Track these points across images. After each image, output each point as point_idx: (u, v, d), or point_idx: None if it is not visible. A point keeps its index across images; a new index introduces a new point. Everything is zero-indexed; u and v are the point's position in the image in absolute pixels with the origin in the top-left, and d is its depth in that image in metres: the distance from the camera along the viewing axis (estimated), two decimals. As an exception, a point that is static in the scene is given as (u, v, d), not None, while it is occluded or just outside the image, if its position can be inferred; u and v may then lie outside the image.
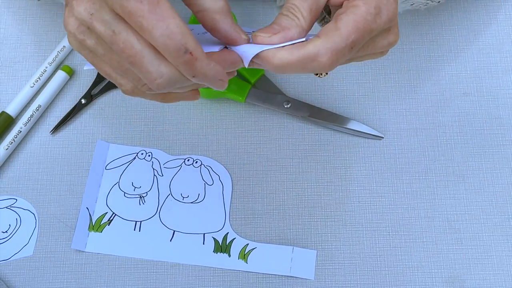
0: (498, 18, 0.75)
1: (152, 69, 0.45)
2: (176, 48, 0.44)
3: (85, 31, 0.46)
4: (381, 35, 0.49)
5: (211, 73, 0.46)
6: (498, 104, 0.71)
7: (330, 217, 0.67)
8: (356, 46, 0.47)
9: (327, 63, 0.46)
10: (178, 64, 0.45)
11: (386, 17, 0.48)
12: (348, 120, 0.70)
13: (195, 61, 0.44)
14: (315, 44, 0.46)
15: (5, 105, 0.71)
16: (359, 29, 0.46)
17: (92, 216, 0.67)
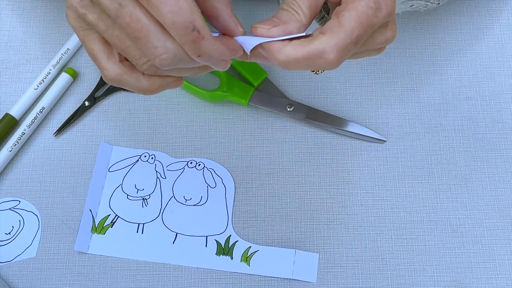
0: (501, 22, 0.75)
1: (158, 43, 0.44)
2: (184, 26, 0.43)
3: (88, 5, 0.46)
4: (378, 31, 0.49)
5: (217, 53, 0.45)
6: (501, 108, 0.71)
7: (332, 220, 0.67)
8: (360, 42, 0.47)
9: (334, 60, 0.46)
10: (185, 42, 0.44)
11: (385, 11, 0.48)
12: (351, 124, 0.70)
13: (201, 39, 0.44)
14: (321, 41, 0.46)
15: (9, 107, 0.71)
16: (362, 24, 0.46)
17: (95, 218, 0.67)
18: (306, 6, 0.48)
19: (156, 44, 0.45)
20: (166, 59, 0.45)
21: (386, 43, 0.50)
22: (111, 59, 0.48)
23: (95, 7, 0.46)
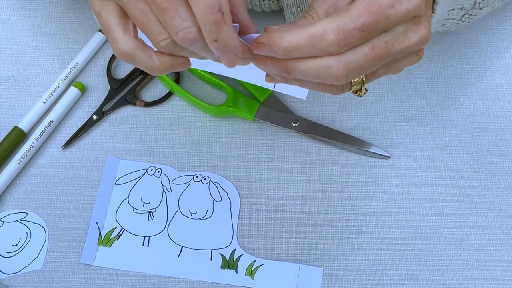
0: (505, 41, 0.76)
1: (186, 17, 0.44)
2: (211, 3, 0.43)
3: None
4: (411, 28, 0.47)
5: (232, 43, 0.45)
6: (504, 126, 0.72)
7: (336, 235, 0.68)
8: (367, 30, 0.45)
9: (334, 41, 0.45)
10: (206, 22, 0.43)
11: (408, 3, 0.46)
12: (356, 139, 0.70)
13: (223, 24, 0.43)
14: (321, 23, 0.45)
15: (18, 120, 0.72)
16: (372, 12, 0.45)
17: (102, 231, 0.68)
18: (323, 11, 0.48)
19: (184, 17, 0.44)
20: (191, 32, 0.45)
21: (421, 43, 0.48)
22: (126, 33, 0.47)
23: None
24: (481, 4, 0.61)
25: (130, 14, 0.46)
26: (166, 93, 0.74)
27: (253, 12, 0.75)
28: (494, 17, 0.76)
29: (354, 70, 0.47)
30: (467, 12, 0.62)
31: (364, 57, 0.46)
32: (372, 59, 0.47)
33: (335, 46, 0.45)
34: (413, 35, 0.48)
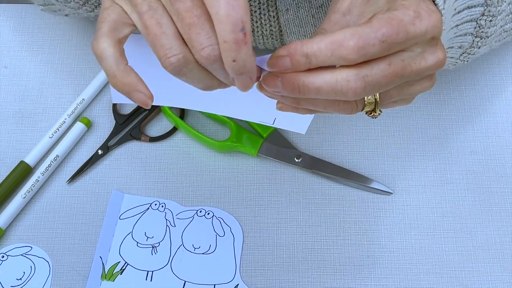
0: (504, 78, 0.77)
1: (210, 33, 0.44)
2: (235, 22, 0.42)
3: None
4: (429, 50, 0.48)
5: (250, 65, 0.44)
6: (505, 162, 0.72)
7: (339, 270, 0.68)
8: (387, 42, 0.45)
9: (354, 49, 0.44)
10: (228, 40, 0.43)
11: (427, 22, 0.46)
12: (358, 175, 0.71)
13: (244, 44, 0.43)
14: (343, 31, 0.45)
15: (24, 154, 0.73)
16: (393, 25, 0.45)
17: (105, 265, 0.68)
18: None
19: (210, 33, 0.44)
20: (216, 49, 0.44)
21: (438, 66, 0.49)
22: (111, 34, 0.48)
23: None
24: (479, 43, 0.62)
25: (143, 24, 0.46)
26: (171, 128, 0.75)
27: (256, 50, 0.77)
28: (494, 55, 0.77)
29: (371, 85, 0.46)
30: (466, 51, 0.63)
31: (381, 73, 0.46)
32: (389, 76, 0.46)
33: (354, 54, 0.45)
34: (430, 57, 0.48)
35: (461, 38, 0.61)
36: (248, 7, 0.43)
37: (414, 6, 0.46)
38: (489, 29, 0.61)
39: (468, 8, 0.58)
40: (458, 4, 0.57)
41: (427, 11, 0.47)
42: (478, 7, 0.59)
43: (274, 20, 0.70)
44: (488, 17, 0.60)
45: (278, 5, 0.69)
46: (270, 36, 0.72)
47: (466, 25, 0.60)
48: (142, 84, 0.47)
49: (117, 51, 0.47)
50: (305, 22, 0.70)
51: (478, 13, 0.59)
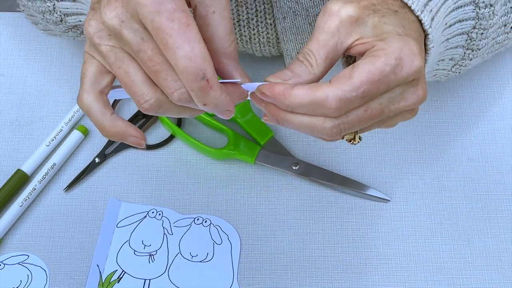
0: (501, 85, 0.77)
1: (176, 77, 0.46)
2: (194, 72, 0.44)
3: (103, 37, 0.47)
4: (409, 90, 0.49)
5: (222, 104, 0.46)
6: (502, 170, 0.72)
7: (337, 278, 0.68)
8: (367, 97, 0.47)
9: (335, 110, 0.47)
10: (193, 89, 0.45)
11: (409, 68, 0.47)
12: (355, 183, 0.71)
13: (209, 89, 0.45)
14: (325, 90, 0.46)
15: (21, 163, 0.73)
16: (373, 81, 0.46)
17: (102, 274, 0.68)
18: (322, 57, 0.49)
19: (176, 78, 0.45)
20: (185, 92, 0.46)
21: (418, 103, 0.50)
22: (94, 86, 0.49)
23: (111, 39, 0.47)
24: (470, 55, 0.62)
25: (115, 74, 0.48)
26: (168, 136, 0.75)
27: (253, 57, 0.77)
28: (491, 62, 0.77)
29: (347, 129, 0.49)
30: (457, 63, 0.63)
31: (358, 118, 0.48)
32: (365, 120, 0.48)
33: (335, 112, 0.47)
34: (410, 96, 0.49)
35: (452, 50, 0.61)
36: (207, 52, 0.44)
37: (396, 51, 0.47)
38: (481, 41, 0.61)
39: (459, 22, 0.59)
40: (449, 18, 0.57)
41: (410, 55, 0.47)
42: (469, 20, 0.59)
43: (271, 28, 0.70)
44: (479, 30, 0.60)
45: (275, 13, 0.69)
46: (267, 44, 0.72)
47: (457, 38, 0.60)
48: (131, 128, 0.50)
49: (100, 104, 0.49)
50: (302, 30, 0.70)
51: (469, 26, 0.59)
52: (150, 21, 0.44)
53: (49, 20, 0.66)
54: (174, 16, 0.43)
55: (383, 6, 0.50)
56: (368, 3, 0.50)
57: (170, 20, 0.43)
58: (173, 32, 0.43)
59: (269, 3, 0.69)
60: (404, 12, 0.51)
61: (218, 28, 0.47)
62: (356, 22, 0.49)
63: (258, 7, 0.69)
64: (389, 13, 0.50)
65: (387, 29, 0.48)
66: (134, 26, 0.45)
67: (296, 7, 0.68)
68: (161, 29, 0.44)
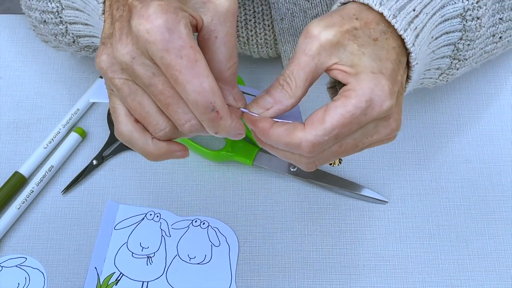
0: (498, 87, 0.77)
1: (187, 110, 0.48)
2: (204, 105, 0.46)
3: (116, 71, 0.49)
4: (381, 124, 0.51)
5: (233, 130, 0.49)
6: (500, 171, 0.73)
7: (335, 280, 0.68)
8: (340, 137, 0.49)
9: (309, 152, 0.49)
10: (204, 120, 0.47)
11: (379, 109, 0.49)
12: (353, 184, 0.71)
13: (220, 119, 0.47)
14: (299, 135, 0.49)
15: (19, 165, 0.73)
16: (345, 124, 0.48)
17: (100, 276, 0.68)
18: (302, 79, 0.50)
19: (187, 110, 0.48)
20: (196, 124, 0.48)
21: (391, 134, 0.52)
22: (128, 116, 0.50)
23: (123, 73, 0.49)
24: (457, 65, 0.63)
25: (129, 107, 0.50)
26: (166, 138, 0.74)
27: (251, 59, 0.77)
28: (488, 64, 0.77)
29: (323, 163, 0.52)
30: (444, 72, 0.64)
31: (332, 154, 0.51)
32: (340, 154, 0.51)
33: (309, 154, 0.49)
34: (383, 130, 0.51)
35: (439, 60, 0.61)
36: (216, 84, 0.46)
37: (367, 92, 0.49)
38: (467, 52, 0.62)
39: (446, 34, 0.59)
40: (435, 31, 0.58)
41: (380, 96, 0.49)
42: (456, 32, 0.60)
43: (269, 29, 0.71)
44: (466, 41, 0.61)
45: (273, 14, 0.69)
46: (264, 45, 0.72)
47: (443, 49, 0.60)
48: (174, 145, 0.51)
49: (140, 132, 0.51)
50: (300, 31, 0.70)
51: (456, 37, 0.60)
52: (160, 58, 0.46)
53: (62, 41, 0.67)
54: (183, 53, 0.45)
55: (364, 31, 0.52)
56: (350, 27, 0.51)
57: (179, 57, 0.45)
58: (182, 68, 0.45)
59: (267, 4, 0.69)
60: (385, 38, 0.52)
61: (218, 54, 0.49)
62: (336, 45, 0.50)
63: (256, 8, 0.69)
64: (368, 42, 0.51)
65: (363, 63, 0.50)
66: (145, 62, 0.47)
67: (294, 9, 0.68)
68: (171, 66, 0.45)
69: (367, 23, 0.52)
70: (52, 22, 0.65)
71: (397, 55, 0.52)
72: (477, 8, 0.59)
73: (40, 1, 0.63)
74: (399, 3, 0.53)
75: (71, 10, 0.62)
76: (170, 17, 0.45)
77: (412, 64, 0.55)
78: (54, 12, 0.63)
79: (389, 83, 0.50)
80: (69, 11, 0.62)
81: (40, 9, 0.64)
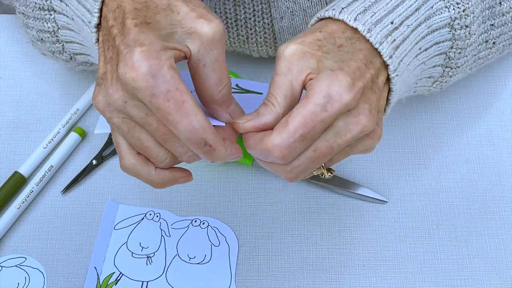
0: (498, 87, 0.77)
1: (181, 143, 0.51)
2: (196, 142, 0.49)
3: (113, 111, 0.51)
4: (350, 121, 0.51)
5: (228, 157, 0.52)
6: (500, 171, 0.72)
7: (334, 280, 0.68)
8: (307, 138, 0.50)
9: (280, 157, 0.50)
10: (199, 153, 0.50)
11: (339, 103, 0.50)
12: (353, 184, 0.71)
13: (213, 151, 0.50)
14: (267, 141, 0.50)
15: (19, 165, 0.73)
16: (307, 123, 0.49)
17: (100, 276, 0.68)
18: (281, 97, 0.52)
19: (183, 144, 0.51)
20: (193, 155, 0.52)
21: (364, 131, 0.52)
22: (130, 150, 0.53)
23: (119, 113, 0.51)
24: (450, 72, 0.63)
25: (129, 142, 0.52)
26: (165, 138, 0.75)
27: (251, 58, 0.77)
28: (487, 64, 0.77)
29: (302, 172, 0.53)
30: (437, 80, 0.64)
31: (309, 160, 0.52)
32: (317, 159, 0.52)
33: (282, 159, 0.51)
34: (354, 127, 0.51)
35: (430, 70, 0.62)
36: (205, 121, 0.49)
37: (324, 89, 0.50)
38: (459, 60, 0.62)
39: (436, 44, 0.60)
40: (423, 43, 0.58)
41: (338, 90, 0.50)
42: (446, 41, 0.60)
43: (269, 28, 0.70)
44: (457, 49, 0.61)
45: (273, 13, 0.69)
46: (264, 44, 0.72)
47: (434, 59, 0.61)
48: (177, 172, 0.54)
49: (142, 164, 0.53)
50: (299, 30, 0.70)
51: (446, 47, 0.61)
52: (148, 102, 0.48)
53: (59, 58, 0.68)
54: (169, 96, 0.48)
55: (329, 41, 0.53)
56: (313, 39, 0.53)
57: (166, 100, 0.47)
58: (170, 110, 0.48)
59: (266, 3, 0.69)
60: (350, 44, 0.54)
61: (208, 80, 0.52)
62: (303, 57, 0.52)
63: (256, 7, 0.69)
64: (332, 49, 0.53)
65: (324, 65, 0.51)
66: (137, 104, 0.49)
67: (293, 7, 0.68)
68: (160, 109, 0.48)
69: (331, 33, 0.54)
70: (49, 40, 0.66)
71: (365, 56, 0.53)
72: (464, 17, 0.59)
73: (37, 20, 0.64)
74: (375, 17, 0.55)
75: (67, 31, 0.63)
76: (153, 62, 0.47)
77: (391, 76, 0.55)
78: (50, 32, 0.64)
79: (349, 78, 0.50)
80: (64, 31, 0.63)
81: (36, 28, 0.66)
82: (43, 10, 0.63)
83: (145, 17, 0.50)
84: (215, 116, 0.54)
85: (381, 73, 0.55)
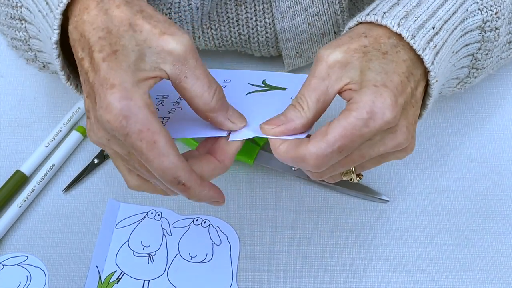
0: (501, 87, 0.77)
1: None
2: (170, 180, 0.50)
3: (103, 144, 0.53)
4: (388, 137, 0.51)
5: (205, 198, 0.52)
6: (502, 170, 0.72)
7: (336, 279, 0.68)
8: (345, 150, 0.50)
9: (314, 165, 0.50)
10: (174, 190, 0.51)
11: (381, 121, 0.50)
12: (354, 183, 0.71)
13: (188, 189, 0.51)
14: (303, 148, 0.50)
15: (20, 164, 0.73)
16: (346, 136, 0.49)
17: (101, 275, 0.68)
18: (313, 101, 0.52)
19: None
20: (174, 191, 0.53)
21: (398, 147, 0.52)
22: (131, 173, 0.54)
23: (108, 148, 0.52)
24: (475, 73, 0.63)
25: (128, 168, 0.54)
26: (167, 137, 0.74)
27: (253, 58, 0.77)
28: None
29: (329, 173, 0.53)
30: (462, 81, 0.64)
31: (339, 164, 0.52)
32: (346, 164, 0.52)
33: (314, 168, 0.51)
34: (389, 142, 0.52)
35: (458, 71, 0.62)
36: (178, 159, 0.50)
37: (368, 105, 0.50)
38: (486, 61, 0.62)
39: (465, 46, 0.60)
40: (456, 46, 0.58)
41: (382, 108, 0.50)
42: (475, 43, 0.60)
43: (270, 27, 0.71)
44: (484, 51, 0.61)
45: (274, 13, 0.69)
46: (265, 44, 0.72)
47: (462, 61, 0.61)
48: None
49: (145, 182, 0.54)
50: (301, 29, 0.70)
51: (474, 48, 0.60)
52: (124, 141, 0.49)
53: (33, 65, 0.68)
54: (141, 136, 0.49)
55: (374, 47, 0.53)
56: (358, 45, 0.53)
57: (138, 140, 0.49)
58: (143, 150, 0.49)
59: (268, 2, 0.69)
60: (395, 52, 0.53)
61: (195, 89, 0.51)
62: (346, 66, 0.52)
63: (257, 6, 0.69)
64: (377, 56, 0.52)
65: (367, 77, 0.51)
66: (118, 142, 0.51)
67: (295, 7, 0.68)
68: (134, 148, 0.49)
69: (377, 38, 0.53)
70: (22, 48, 0.66)
71: (408, 68, 0.53)
72: (496, 19, 0.59)
73: (10, 28, 0.64)
74: (418, 22, 0.54)
75: (37, 40, 0.62)
76: (125, 104, 0.48)
77: (431, 82, 0.55)
78: (22, 40, 0.64)
79: (392, 95, 0.50)
80: (35, 41, 0.63)
81: (10, 35, 0.65)
82: (14, 19, 0.62)
83: (110, 45, 0.50)
84: (216, 126, 0.54)
85: (420, 84, 0.54)
